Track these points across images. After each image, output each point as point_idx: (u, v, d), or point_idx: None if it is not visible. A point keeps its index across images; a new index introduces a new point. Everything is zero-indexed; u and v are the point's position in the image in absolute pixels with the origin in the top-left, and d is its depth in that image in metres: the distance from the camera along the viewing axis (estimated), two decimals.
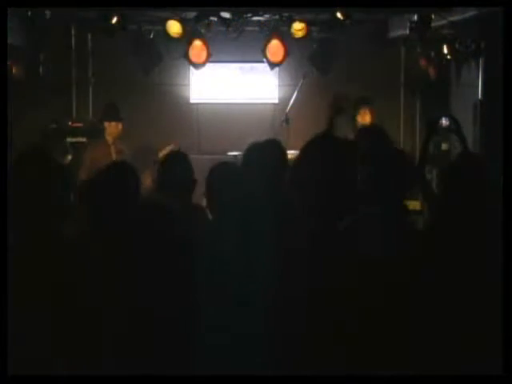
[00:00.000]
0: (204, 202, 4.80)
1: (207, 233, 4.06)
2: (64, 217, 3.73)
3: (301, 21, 9.17)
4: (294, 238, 3.13)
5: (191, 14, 9.03)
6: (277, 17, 9.24)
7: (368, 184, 3.89)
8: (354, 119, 8.04)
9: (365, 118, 7.96)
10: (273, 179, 4.32)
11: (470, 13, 8.18)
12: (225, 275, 3.72)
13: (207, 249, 3.82)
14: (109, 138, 8.30)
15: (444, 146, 10.15)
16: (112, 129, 8.30)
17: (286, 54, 9.46)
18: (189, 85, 10.62)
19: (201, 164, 5.42)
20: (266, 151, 4.47)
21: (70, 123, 9.81)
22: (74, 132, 9.60)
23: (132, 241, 3.48)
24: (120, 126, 8.39)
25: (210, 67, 9.91)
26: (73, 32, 10.07)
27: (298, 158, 3.16)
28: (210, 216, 4.61)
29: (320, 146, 3.11)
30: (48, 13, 8.67)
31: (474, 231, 3.54)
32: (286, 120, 9.30)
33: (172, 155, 5.44)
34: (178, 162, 5.13)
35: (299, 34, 9.07)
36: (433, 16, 8.56)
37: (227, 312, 3.67)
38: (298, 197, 3.12)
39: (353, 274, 2.99)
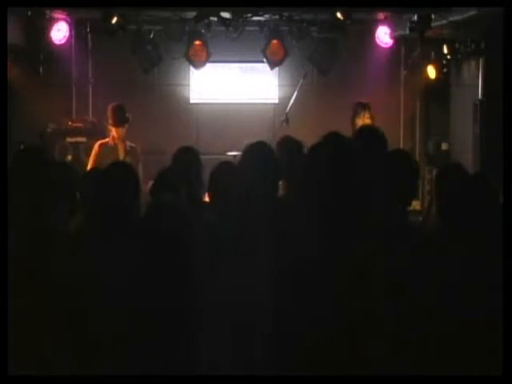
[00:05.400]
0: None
1: (211, 231, 4.06)
2: (65, 216, 3.74)
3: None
4: (297, 239, 3.13)
5: (191, 14, 9.02)
6: (277, 17, 9.23)
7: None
8: (353, 123, 8.03)
9: (364, 121, 7.95)
10: (267, 181, 4.31)
11: (470, 13, 8.17)
12: (227, 274, 3.72)
13: (210, 247, 3.83)
14: (116, 140, 8.26)
15: (444, 146, 10.15)
16: (118, 132, 8.26)
17: (286, 53, 9.45)
18: (189, 85, 10.62)
19: None
20: (257, 154, 4.48)
21: (69, 123, 9.80)
22: (74, 132, 9.60)
23: (136, 240, 3.49)
24: (125, 128, 8.35)
25: (209, 67, 9.90)
26: (73, 32, 10.06)
27: (308, 158, 3.15)
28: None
29: (331, 147, 3.10)
30: (48, 13, 8.68)
31: (473, 235, 3.55)
32: (286, 120, 9.28)
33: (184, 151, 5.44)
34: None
35: None
36: (433, 16, 8.55)
37: (228, 309, 3.67)
38: (306, 196, 3.11)
39: (358, 276, 2.99)
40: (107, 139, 8.34)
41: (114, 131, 8.24)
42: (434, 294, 3.41)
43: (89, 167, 7.86)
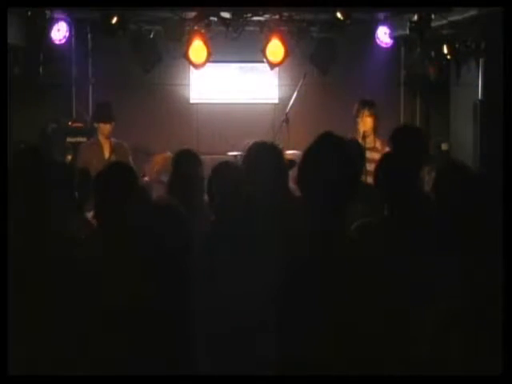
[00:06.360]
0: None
1: (210, 233, 4.06)
2: (65, 216, 3.73)
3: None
4: (297, 239, 3.12)
5: (191, 14, 9.02)
6: (277, 17, 9.23)
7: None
8: (355, 122, 7.99)
9: (366, 121, 7.89)
10: (273, 181, 4.31)
11: (470, 13, 8.17)
12: (226, 275, 3.72)
13: (209, 249, 3.82)
14: (101, 138, 8.29)
15: (444, 146, 10.15)
16: (102, 129, 8.28)
17: (286, 53, 9.45)
18: (189, 85, 10.63)
19: None
20: (265, 153, 4.46)
21: (69, 123, 9.81)
22: (74, 132, 9.60)
23: (136, 240, 3.49)
24: (111, 125, 8.34)
25: (209, 67, 9.90)
26: (73, 32, 10.07)
27: (303, 159, 3.15)
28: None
29: (325, 146, 3.10)
30: (48, 13, 8.68)
31: (470, 232, 3.54)
32: (286, 120, 9.29)
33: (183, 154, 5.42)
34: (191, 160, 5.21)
35: None
36: (433, 16, 8.55)
37: (228, 311, 3.67)
38: (304, 198, 3.11)
39: (361, 277, 2.98)
40: (92, 139, 8.40)
41: (98, 129, 8.27)
42: (436, 292, 3.41)
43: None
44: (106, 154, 8.14)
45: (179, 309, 3.42)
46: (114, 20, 8.67)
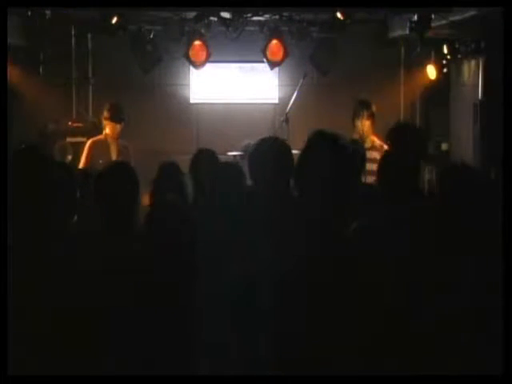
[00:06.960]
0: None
1: (210, 231, 4.06)
2: (65, 216, 3.73)
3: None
4: (296, 239, 3.12)
5: (191, 14, 9.02)
6: (277, 17, 9.24)
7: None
8: (353, 123, 7.95)
9: (365, 124, 7.82)
10: (280, 178, 4.27)
11: (470, 13, 8.17)
12: (226, 275, 3.72)
13: (210, 248, 3.82)
14: (109, 138, 8.28)
15: (444, 146, 10.16)
16: (112, 129, 8.25)
17: (286, 53, 9.46)
18: (189, 85, 10.63)
19: None
20: (274, 149, 4.43)
21: (70, 123, 9.81)
22: (74, 132, 9.61)
23: (138, 239, 3.49)
24: (121, 126, 8.34)
25: (209, 67, 9.91)
26: (73, 32, 10.07)
27: (299, 160, 3.15)
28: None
29: (321, 146, 3.10)
30: (48, 13, 8.68)
31: (472, 232, 3.54)
32: (286, 120, 9.28)
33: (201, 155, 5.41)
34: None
35: None
36: (433, 16, 8.55)
37: (229, 310, 3.67)
38: (303, 198, 3.11)
39: (361, 276, 2.99)
40: (100, 136, 8.35)
41: (107, 129, 8.23)
42: (437, 292, 3.42)
43: (81, 164, 7.90)
44: (113, 155, 8.12)
45: (180, 306, 3.42)
46: (114, 20, 8.67)
